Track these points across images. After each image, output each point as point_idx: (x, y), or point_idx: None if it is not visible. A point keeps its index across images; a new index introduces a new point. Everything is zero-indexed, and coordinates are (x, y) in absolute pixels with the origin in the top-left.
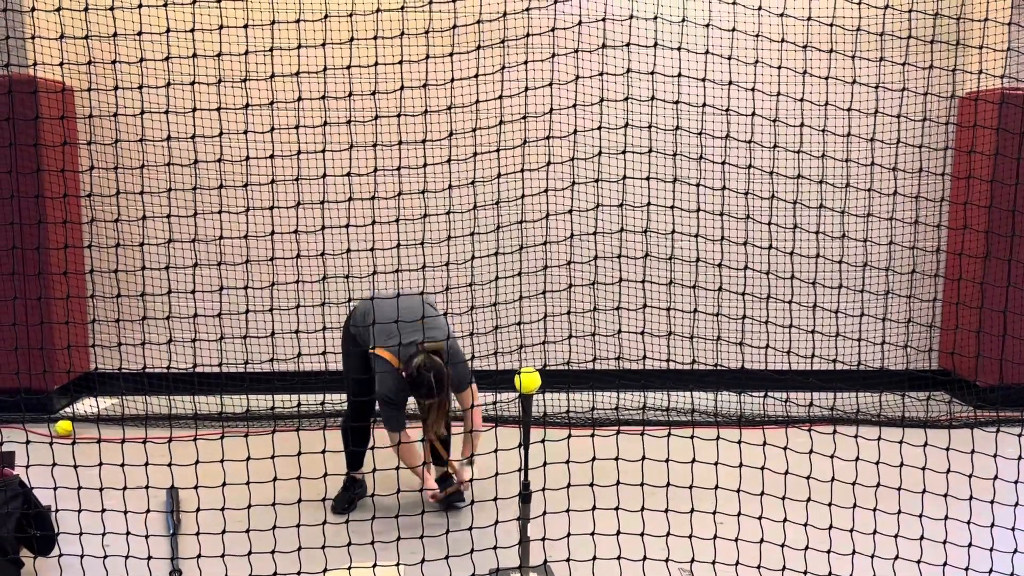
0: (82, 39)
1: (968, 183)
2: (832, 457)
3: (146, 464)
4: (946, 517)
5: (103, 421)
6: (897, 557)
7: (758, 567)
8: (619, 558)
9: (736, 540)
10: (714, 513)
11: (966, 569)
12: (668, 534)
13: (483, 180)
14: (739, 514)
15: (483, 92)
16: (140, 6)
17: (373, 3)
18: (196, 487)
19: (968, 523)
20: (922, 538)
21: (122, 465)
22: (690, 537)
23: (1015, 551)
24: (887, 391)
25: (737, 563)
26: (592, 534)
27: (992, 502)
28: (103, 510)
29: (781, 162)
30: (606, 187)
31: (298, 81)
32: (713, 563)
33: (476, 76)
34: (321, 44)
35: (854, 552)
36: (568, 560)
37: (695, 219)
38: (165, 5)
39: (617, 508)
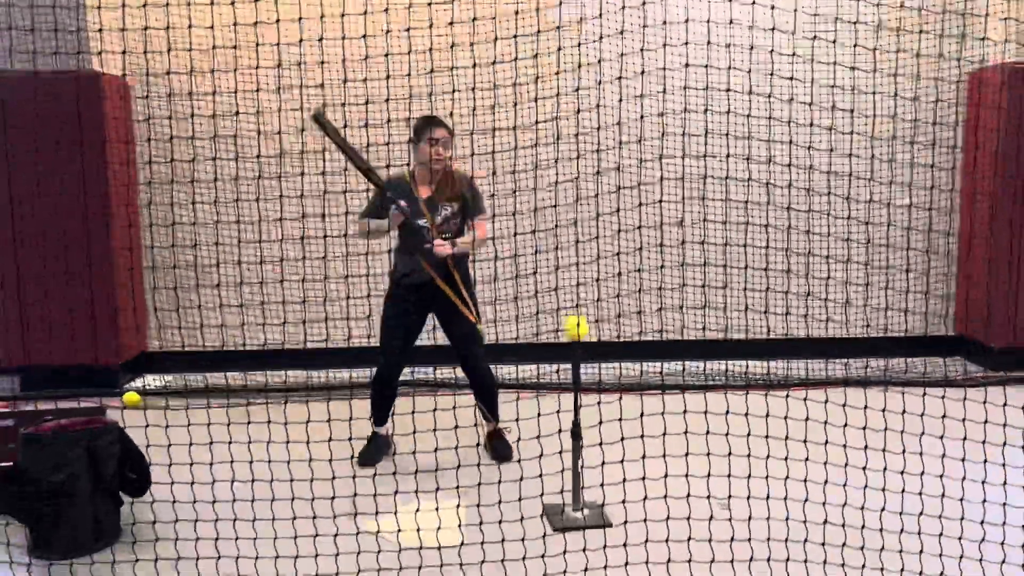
0: (141, 44)
1: (976, 156)
2: (845, 408)
3: (228, 423)
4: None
5: (160, 394)
6: (921, 490)
7: (784, 499)
8: (665, 497)
9: (766, 478)
10: (748, 456)
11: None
12: (708, 475)
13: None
14: (768, 457)
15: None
16: (190, 23)
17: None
18: (268, 442)
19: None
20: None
21: (208, 425)
22: (728, 476)
23: None
24: (910, 356)
25: (768, 496)
26: (643, 479)
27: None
28: (192, 463)
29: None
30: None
31: (344, 80)
32: (748, 498)
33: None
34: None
35: (866, 486)
36: (624, 502)
37: (724, 207)
38: (212, 1)
39: (664, 455)
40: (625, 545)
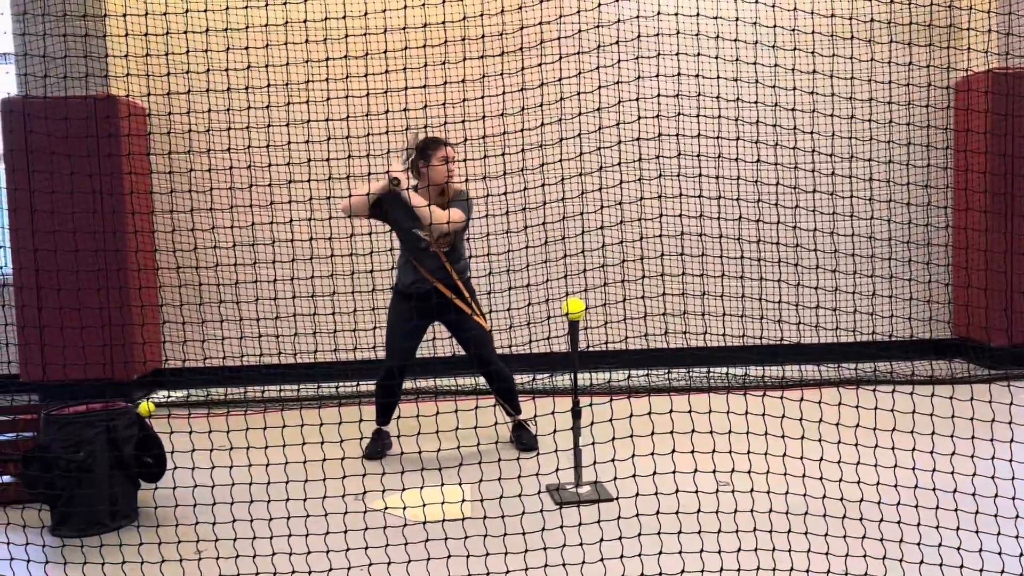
0: (159, 73)
1: (967, 156)
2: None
3: (247, 428)
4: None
5: (175, 406)
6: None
7: (784, 474)
8: (653, 474)
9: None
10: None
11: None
12: (698, 451)
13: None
14: (766, 432)
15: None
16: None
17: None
18: (283, 446)
19: None
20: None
21: (227, 421)
22: (729, 452)
23: None
24: (913, 359)
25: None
26: (632, 457)
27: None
28: (212, 448)
29: (801, 154)
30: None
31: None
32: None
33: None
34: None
35: (857, 450)
36: (634, 475)
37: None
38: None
39: (652, 433)
40: (619, 518)
